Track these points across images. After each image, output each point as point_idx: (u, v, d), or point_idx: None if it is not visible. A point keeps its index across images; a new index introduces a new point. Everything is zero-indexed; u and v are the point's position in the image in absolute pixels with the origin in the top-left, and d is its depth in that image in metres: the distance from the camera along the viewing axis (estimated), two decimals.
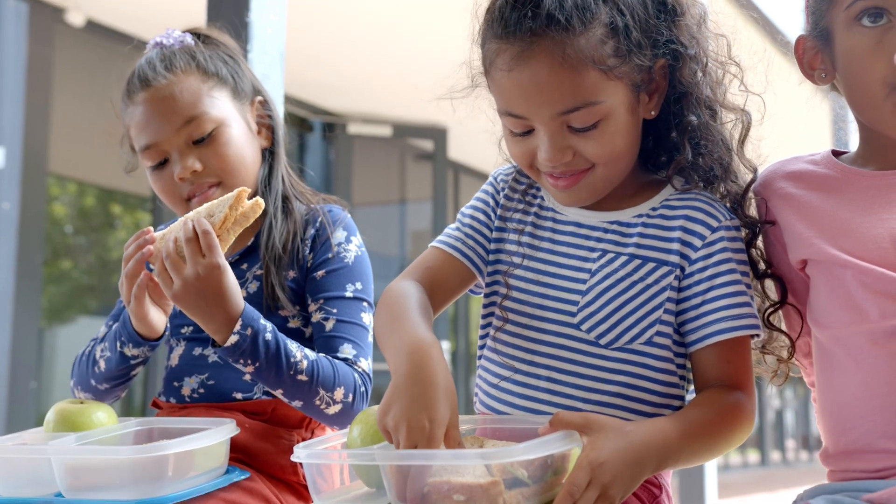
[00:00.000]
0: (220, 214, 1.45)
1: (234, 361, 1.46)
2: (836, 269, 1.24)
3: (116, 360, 1.59)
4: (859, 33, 1.24)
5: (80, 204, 6.26)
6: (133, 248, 1.48)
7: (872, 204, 1.26)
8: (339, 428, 1.53)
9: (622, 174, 1.33)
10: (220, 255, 1.42)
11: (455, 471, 1.08)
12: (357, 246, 1.64)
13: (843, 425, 1.25)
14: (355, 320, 1.57)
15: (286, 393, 1.48)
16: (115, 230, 6.48)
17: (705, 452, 1.23)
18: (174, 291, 1.43)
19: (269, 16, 2.31)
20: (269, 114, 1.71)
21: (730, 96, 1.36)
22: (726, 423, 1.24)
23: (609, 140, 1.26)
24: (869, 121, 1.30)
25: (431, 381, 1.12)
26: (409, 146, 7.07)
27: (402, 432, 1.08)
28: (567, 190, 1.30)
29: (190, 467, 1.37)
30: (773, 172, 1.37)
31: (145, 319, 1.53)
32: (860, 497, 1.13)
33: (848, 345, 1.23)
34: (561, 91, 1.22)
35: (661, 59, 1.29)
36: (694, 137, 1.33)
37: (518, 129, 1.29)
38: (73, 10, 4.67)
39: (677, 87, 1.32)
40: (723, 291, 1.28)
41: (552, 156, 1.26)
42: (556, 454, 1.11)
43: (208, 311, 1.43)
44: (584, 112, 1.23)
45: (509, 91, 1.25)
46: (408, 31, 5.32)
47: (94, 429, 1.45)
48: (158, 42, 1.66)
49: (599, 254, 1.33)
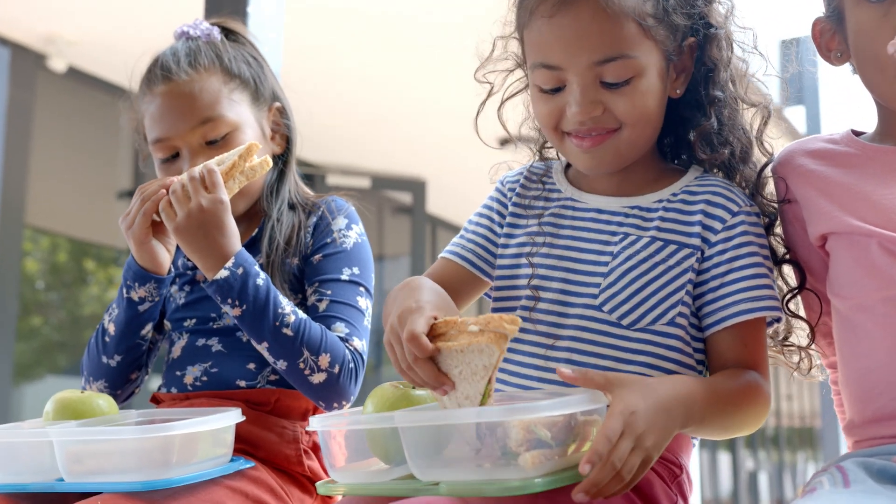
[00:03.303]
0: (227, 162, 1.49)
1: (221, 301, 1.46)
2: (860, 239, 1.24)
3: (125, 311, 1.56)
4: (866, 8, 1.26)
5: (52, 259, 6.19)
6: (155, 187, 1.49)
7: (894, 177, 1.27)
8: (326, 406, 1.50)
9: (646, 143, 1.34)
10: (225, 192, 1.46)
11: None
12: (358, 234, 1.63)
13: (871, 392, 1.24)
14: (350, 302, 1.56)
15: (271, 348, 1.47)
16: (87, 286, 6.40)
17: (726, 421, 1.22)
18: (177, 223, 1.45)
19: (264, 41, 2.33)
20: (285, 122, 1.71)
21: (752, 87, 1.39)
22: (747, 397, 1.23)
23: (640, 99, 1.27)
24: (881, 96, 1.32)
25: (420, 281, 1.27)
26: (388, 199, 7.08)
27: (394, 315, 1.15)
28: (591, 150, 1.31)
29: (194, 454, 1.33)
30: (793, 151, 1.39)
31: (146, 244, 1.51)
32: (891, 459, 1.13)
33: (874, 312, 1.23)
34: (601, 38, 1.24)
35: (692, 37, 1.32)
36: (720, 111, 1.35)
37: (549, 85, 1.29)
38: (55, 56, 4.67)
39: (705, 64, 1.34)
40: (742, 274, 1.28)
41: (583, 108, 1.26)
42: (580, 419, 1.10)
43: (207, 245, 1.46)
44: (620, 64, 1.25)
45: (548, 38, 1.27)
46: (388, 83, 5.37)
47: (94, 417, 1.41)
48: (185, 32, 1.65)
49: (621, 237, 1.33)
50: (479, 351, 1.09)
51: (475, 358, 1.10)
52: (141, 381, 1.64)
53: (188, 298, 1.64)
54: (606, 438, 1.03)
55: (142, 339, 1.59)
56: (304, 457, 1.51)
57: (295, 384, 1.50)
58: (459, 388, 1.11)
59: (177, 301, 1.64)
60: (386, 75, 5.27)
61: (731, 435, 1.28)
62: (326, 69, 4.99)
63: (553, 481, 1.04)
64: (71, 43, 4.64)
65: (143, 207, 1.48)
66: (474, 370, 1.10)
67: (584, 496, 1.03)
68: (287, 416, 1.54)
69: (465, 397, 1.11)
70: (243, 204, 1.62)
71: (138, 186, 1.52)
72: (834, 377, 1.43)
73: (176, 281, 1.66)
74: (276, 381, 1.55)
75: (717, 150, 1.35)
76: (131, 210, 1.50)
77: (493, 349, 1.08)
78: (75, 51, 4.72)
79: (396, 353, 1.14)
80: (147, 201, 1.48)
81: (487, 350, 1.09)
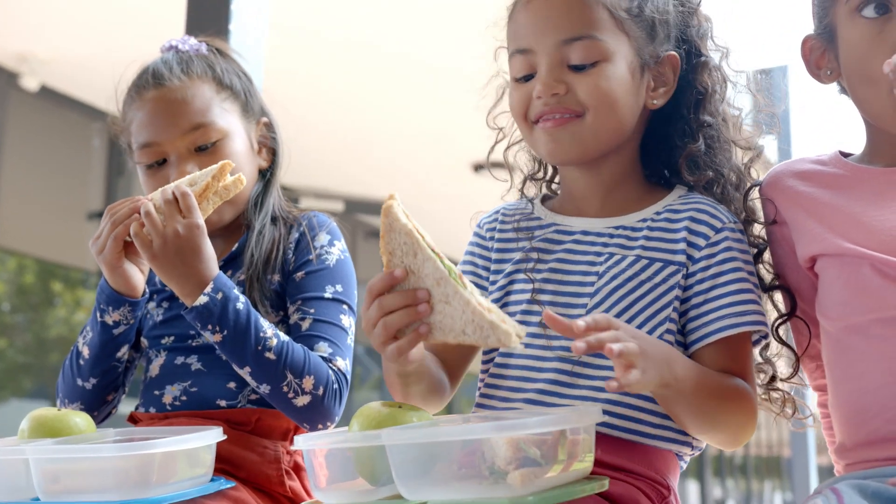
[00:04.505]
0: (201, 183, 1.46)
1: (202, 327, 1.44)
2: (851, 261, 1.24)
3: (99, 335, 1.53)
4: (860, 24, 1.27)
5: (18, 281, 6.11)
6: (125, 210, 1.45)
7: (884, 198, 1.27)
8: (310, 428, 1.48)
9: (611, 137, 1.34)
10: (200, 216, 1.43)
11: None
12: (340, 251, 1.61)
13: (864, 414, 1.23)
14: (333, 320, 1.54)
15: (253, 373, 1.45)
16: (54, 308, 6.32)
17: (711, 412, 1.23)
18: (153, 251, 1.42)
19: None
20: (272, 135, 1.70)
21: (745, 130, 1.42)
22: (732, 395, 1.24)
23: (604, 83, 1.30)
24: (872, 116, 1.32)
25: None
26: (361, 223, 7.07)
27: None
28: (553, 132, 1.32)
29: (174, 473, 1.31)
30: (781, 172, 1.39)
31: (119, 268, 1.48)
32: (885, 482, 1.12)
33: (867, 333, 1.23)
34: (569, 18, 1.30)
35: (673, 52, 1.35)
36: (708, 135, 1.37)
37: (522, 72, 1.34)
38: (27, 74, 4.64)
39: (696, 88, 1.37)
40: (726, 290, 1.28)
41: (546, 85, 1.30)
42: (569, 437, 1.09)
43: (185, 272, 1.43)
44: (586, 44, 1.30)
45: (523, 23, 1.34)
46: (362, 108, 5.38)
47: (71, 435, 1.38)
48: (174, 45, 1.65)
49: (606, 256, 1.33)
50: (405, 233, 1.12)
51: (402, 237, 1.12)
52: (118, 401, 1.61)
53: (166, 315, 1.61)
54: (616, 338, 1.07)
55: (118, 361, 1.56)
56: (286, 477, 1.49)
57: (279, 407, 1.48)
58: (421, 273, 1.12)
59: (154, 318, 1.62)
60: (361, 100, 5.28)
61: (717, 433, 1.27)
62: (301, 93, 4.99)
63: (543, 499, 1.03)
64: (44, 62, 4.61)
65: (114, 232, 1.45)
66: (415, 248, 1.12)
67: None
68: (268, 435, 1.52)
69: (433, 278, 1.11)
70: (230, 213, 1.60)
71: (107, 207, 1.49)
72: (821, 400, 1.42)
73: (153, 297, 1.63)
74: (257, 401, 1.53)
75: (703, 171, 1.36)
76: (101, 233, 1.47)
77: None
78: (48, 70, 4.69)
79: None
80: (118, 225, 1.45)
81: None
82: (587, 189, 1.40)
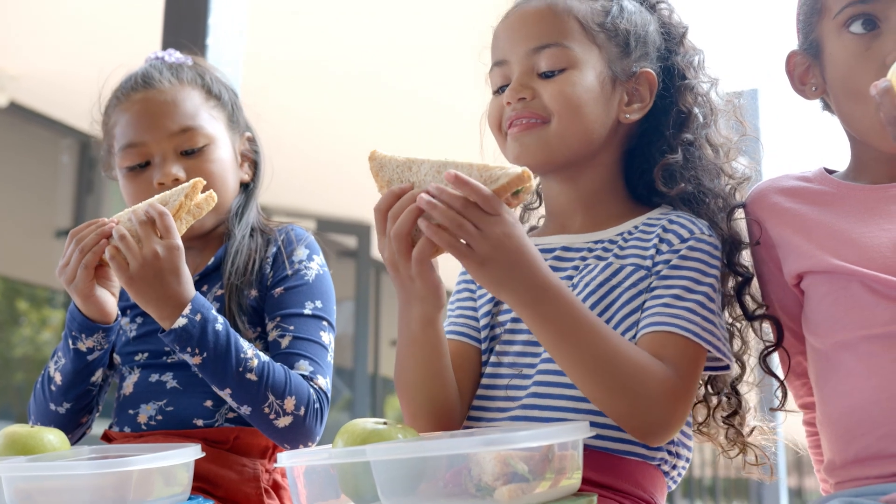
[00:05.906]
0: (174, 202, 1.42)
1: (181, 350, 1.41)
2: (840, 278, 1.23)
3: (72, 361, 1.49)
4: (848, 40, 1.26)
5: None
6: (93, 237, 1.40)
7: (871, 215, 1.26)
8: (291, 447, 1.45)
9: (579, 144, 1.33)
10: (178, 237, 1.40)
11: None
12: (319, 265, 1.60)
13: (854, 432, 1.22)
14: (313, 338, 1.52)
15: (234, 394, 1.42)
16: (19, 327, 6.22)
17: (606, 369, 1.16)
18: (130, 273, 1.39)
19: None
20: (255, 150, 1.70)
21: (735, 161, 1.41)
22: (640, 371, 1.17)
23: (569, 89, 1.31)
24: (858, 131, 1.31)
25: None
26: (332, 242, 7.05)
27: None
28: (519, 137, 1.33)
29: (151, 491, 1.28)
30: (765, 189, 1.38)
31: (92, 297, 1.44)
32: (877, 500, 1.10)
33: (857, 350, 1.22)
34: (540, 27, 1.34)
35: (649, 69, 1.36)
36: (688, 151, 1.37)
37: (497, 84, 1.37)
38: None
39: (678, 108, 1.38)
40: (668, 292, 1.25)
41: (514, 90, 1.32)
42: (557, 452, 1.08)
43: (163, 294, 1.40)
44: (554, 51, 1.32)
45: (500, 36, 1.38)
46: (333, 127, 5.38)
47: (44, 452, 1.34)
48: (160, 57, 1.65)
49: (581, 267, 1.33)
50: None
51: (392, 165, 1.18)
52: (91, 421, 1.58)
53: (139, 331, 1.58)
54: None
55: (92, 385, 1.54)
56: (265, 496, 1.47)
57: (260, 428, 1.46)
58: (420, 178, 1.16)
59: (127, 334, 1.59)
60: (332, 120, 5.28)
61: (613, 400, 1.18)
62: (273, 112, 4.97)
63: None
64: (13, 77, 4.57)
65: (83, 259, 1.40)
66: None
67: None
68: (247, 453, 1.49)
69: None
70: (212, 220, 1.59)
71: (70, 231, 1.44)
72: (807, 418, 1.41)
73: (126, 313, 1.60)
74: (235, 419, 1.51)
75: (678, 183, 1.35)
76: (69, 261, 1.42)
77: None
78: (17, 86, 4.65)
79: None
80: (87, 252, 1.40)
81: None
82: (567, 204, 1.39)
